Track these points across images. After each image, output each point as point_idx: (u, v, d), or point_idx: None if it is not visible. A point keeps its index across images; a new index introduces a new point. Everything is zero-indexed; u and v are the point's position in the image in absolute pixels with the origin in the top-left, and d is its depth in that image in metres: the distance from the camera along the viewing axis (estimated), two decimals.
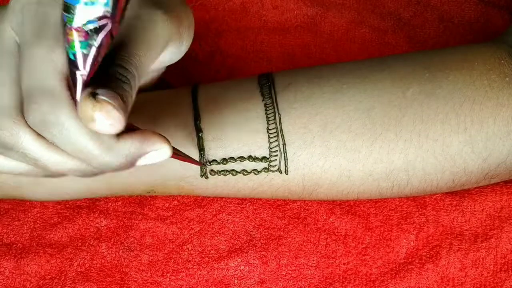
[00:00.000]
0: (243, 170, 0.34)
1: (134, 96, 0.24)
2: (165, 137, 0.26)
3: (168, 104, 0.35)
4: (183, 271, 0.35)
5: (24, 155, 0.25)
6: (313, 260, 0.36)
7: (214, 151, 0.34)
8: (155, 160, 0.27)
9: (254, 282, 0.35)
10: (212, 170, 0.34)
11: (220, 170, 0.34)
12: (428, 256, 0.35)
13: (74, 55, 0.22)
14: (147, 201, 0.38)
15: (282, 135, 0.34)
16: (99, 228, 0.37)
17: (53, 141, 0.24)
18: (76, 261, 0.36)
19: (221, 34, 0.46)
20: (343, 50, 0.46)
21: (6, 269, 0.35)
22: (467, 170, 0.33)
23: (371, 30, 0.46)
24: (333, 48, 0.46)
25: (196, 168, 0.34)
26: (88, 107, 0.22)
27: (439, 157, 0.33)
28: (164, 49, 0.28)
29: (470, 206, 0.37)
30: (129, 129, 0.25)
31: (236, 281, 0.35)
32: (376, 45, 0.46)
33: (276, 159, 0.34)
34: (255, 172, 0.34)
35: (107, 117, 0.22)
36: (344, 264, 0.35)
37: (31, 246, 0.36)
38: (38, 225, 0.37)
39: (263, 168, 0.34)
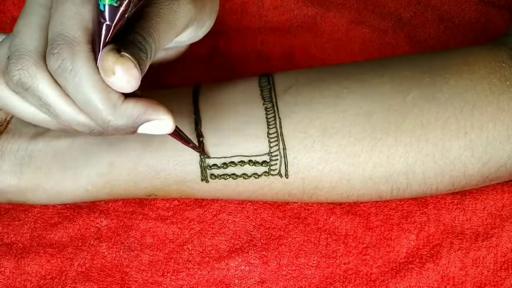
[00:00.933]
0: (244, 174, 0.34)
1: (147, 66, 0.26)
2: (170, 111, 0.28)
3: (168, 105, 0.35)
4: (183, 271, 0.35)
5: (38, 98, 0.27)
6: (313, 260, 0.36)
7: (215, 155, 0.34)
8: (156, 130, 0.28)
9: (254, 282, 0.35)
10: (212, 174, 0.34)
11: (220, 174, 0.34)
12: (429, 255, 0.35)
13: (105, 6, 0.24)
14: (148, 201, 0.38)
15: (283, 140, 0.34)
16: (100, 228, 0.37)
17: (65, 87, 0.26)
18: (76, 261, 0.36)
19: (221, 34, 0.46)
20: (343, 50, 0.46)
21: (6, 269, 0.35)
22: (467, 174, 0.33)
23: (371, 30, 0.46)
24: (333, 48, 0.46)
25: (197, 172, 0.34)
26: (111, 59, 0.24)
27: (439, 162, 0.33)
28: (184, 30, 0.30)
29: (472, 204, 0.37)
30: (135, 96, 0.27)
31: (236, 281, 0.35)
32: (376, 45, 0.46)
33: (276, 163, 0.34)
34: (255, 176, 0.34)
35: (126, 72, 0.24)
36: (344, 263, 0.35)
37: (31, 246, 0.36)
38: (38, 225, 0.37)
39: (264, 172, 0.34)
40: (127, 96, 0.27)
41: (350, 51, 0.46)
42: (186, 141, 0.32)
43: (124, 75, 0.24)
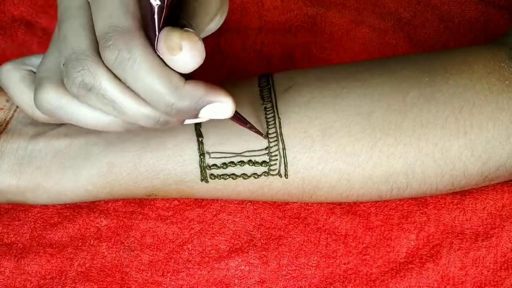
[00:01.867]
0: (243, 174, 0.34)
1: None
2: (230, 93, 0.27)
3: None
4: (183, 271, 0.35)
5: (102, 97, 0.26)
6: (313, 260, 0.36)
7: (214, 155, 0.34)
8: (218, 114, 0.27)
9: (254, 282, 0.35)
10: (212, 174, 0.34)
11: (220, 174, 0.34)
12: (429, 255, 0.35)
13: None
14: (148, 201, 0.38)
15: (282, 140, 0.34)
16: (100, 228, 0.37)
17: (125, 79, 0.25)
18: (76, 261, 0.36)
19: (221, 34, 0.46)
20: (343, 50, 0.46)
21: (6, 269, 0.35)
22: (467, 174, 0.33)
23: (371, 30, 0.46)
24: (333, 48, 0.46)
25: (197, 172, 0.34)
26: (176, 35, 0.24)
27: (438, 161, 0.33)
28: (214, 18, 0.30)
29: (471, 204, 0.37)
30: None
31: (236, 281, 0.35)
32: (376, 45, 0.46)
33: (276, 163, 0.34)
34: (255, 176, 0.34)
35: (193, 47, 0.24)
36: (344, 263, 0.35)
37: (31, 246, 0.36)
38: (38, 225, 0.37)
39: (263, 172, 0.34)
40: (186, 79, 0.26)
41: (350, 51, 0.46)
42: (244, 122, 0.32)
43: (191, 49, 0.24)
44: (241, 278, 0.35)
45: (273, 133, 0.34)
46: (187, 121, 0.28)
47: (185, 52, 0.24)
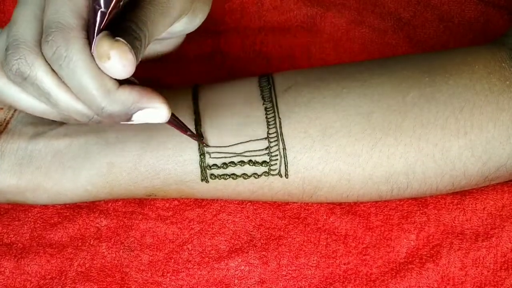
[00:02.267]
0: (243, 174, 0.34)
1: (141, 55, 0.26)
2: (165, 99, 0.27)
3: None
4: (183, 271, 0.35)
5: (37, 88, 0.27)
6: (313, 260, 0.36)
7: (215, 155, 0.34)
8: (151, 119, 0.27)
9: (254, 282, 0.35)
10: (212, 174, 0.34)
11: (220, 174, 0.34)
12: (429, 255, 0.35)
13: None
14: (147, 201, 0.38)
15: (282, 140, 0.34)
16: (99, 228, 0.37)
17: (61, 74, 0.26)
18: (76, 261, 0.36)
19: (220, 34, 0.46)
20: (343, 50, 0.46)
21: (6, 269, 0.35)
22: (467, 174, 0.33)
23: (371, 30, 0.46)
24: (333, 48, 0.46)
25: (197, 172, 0.34)
26: (106, 43, 0.24)
27: (439, 161, 0.33)
28: (177, 19, 0.30)
29: (472, 204, 0.37)
30: (131, 83, 0.27)
31: (236, 281, 0.35)
32: (376, 45, 0.46)
33: (276, 163, 0.34)
34: (255, 176, 0.34)
35: (122, 57, 0.24)
36: (344, 264, 0.35)
37: (31, 246, 0.36)
38: (38, 225, 0.37)
39: (263, 172, 0.34)
40: (122, 83, 0.27)
41: (350, 51, 0.46)
42: (184, 129, 0.32)
43: (120, 59, 0.24)
44: (241, 278, 0.35)
45: (273, 133, 0.34)
46: (123, 122, 0.28)
47: (113, 61, 0.24)
